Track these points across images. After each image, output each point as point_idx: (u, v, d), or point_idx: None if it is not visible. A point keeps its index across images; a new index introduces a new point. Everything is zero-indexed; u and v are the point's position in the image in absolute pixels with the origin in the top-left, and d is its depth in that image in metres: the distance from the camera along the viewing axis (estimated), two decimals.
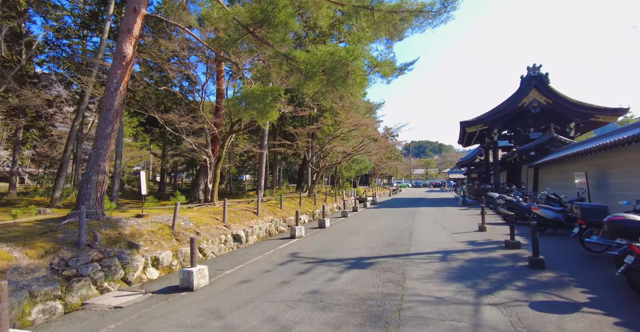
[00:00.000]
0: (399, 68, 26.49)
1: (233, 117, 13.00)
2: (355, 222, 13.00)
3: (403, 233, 9.85)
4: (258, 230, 11.02)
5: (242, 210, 11.93)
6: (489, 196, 17.11)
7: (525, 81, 22.25)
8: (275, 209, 13.59)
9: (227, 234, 9.50)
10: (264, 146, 16.96)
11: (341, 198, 23.41)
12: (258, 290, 4.99)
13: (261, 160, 16.89)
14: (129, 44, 7.24)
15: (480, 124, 23.38)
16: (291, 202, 16.15)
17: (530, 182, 21.62)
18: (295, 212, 10.85)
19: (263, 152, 16.91)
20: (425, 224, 11.82)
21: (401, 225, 11.72)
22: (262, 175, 16.75)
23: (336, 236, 9.76)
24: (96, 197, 7.24)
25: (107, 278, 5.89)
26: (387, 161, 45.21)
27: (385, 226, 11.49)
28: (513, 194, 15.75)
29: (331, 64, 5.98)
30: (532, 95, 22.17)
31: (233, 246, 9.59)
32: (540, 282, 4.96)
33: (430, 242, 8.42)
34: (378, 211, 17.96)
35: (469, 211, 16.67)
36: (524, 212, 10.91)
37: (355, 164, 25.24)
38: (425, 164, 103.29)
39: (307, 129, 17.98)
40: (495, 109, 23.22)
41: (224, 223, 10.06)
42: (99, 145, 7.22)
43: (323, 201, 19.44)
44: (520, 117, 23.55)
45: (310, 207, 16.80)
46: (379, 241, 8.66)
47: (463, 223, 11.96)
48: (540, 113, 22.28)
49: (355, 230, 10.88)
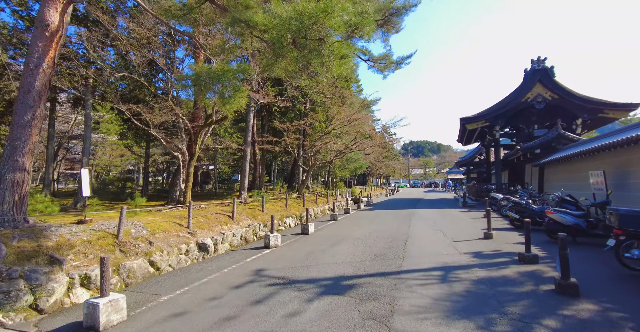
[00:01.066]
0: (395, 61, 25.13)
1: (208, 109, 11.58)
2: (343, 227, 11.60)
3: (396, 241, 8.46)
4: (231, 237, 9.60)
5: (216, 214, 10.50)
6: (492, 197, 15.76)
7: (529, 75, 20.93)
8: (256, 212, 12.17)
9: (190, 243, 8.08)
10: (248, 143, 15.55)
11: (334, 199, 22.01)
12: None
13: (244, 158, 15.47)
14: (54, 10, 5.81)
15: (481, 120, 22.04)
16: (276, 204, 14.74)
17: (534, 182, 20.30)
18: (271, 217, 9.36)
19: (246, 150, 15.49)
20: (423, 230, 10.43)
21: (395, 231, 10.33)
22: (245, 174, 15.33)
23: (318, 245, 8.35)
24: (13, 200, 5.80)
25: (0, 308, 4.45)
26: (384, 161, 43.86)
27: (376, 232, 10.10)
28: (519, 195, 14.41)
29: (299, 26, 4.57)
30: (536, 90, 20.86)
31: (198, 256, 8.19)
32: (580, 321, 3.57)
33: (428, 253, 7.03)
34: (372, 213, 16.57)
35: (471, 213, 15.31)
36: (534, 216, 9.55)
37: (349, 163, 23.85)
38: (423, 163, 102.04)
39: (296, 125, 16.58)
40: (497, 104, 21.89)
41: (189, 230, 8.63)
42: (16, 135, 5.79)
43: (313, 203, 18.02)
44: (524, 113, 22.23)
45: (297, 209, 15.39)
46: (366, 252, 7.27)
47: (465, 228, 10.59)
48: (544, 109, 20.97)
49: (341, 237, 9.48)
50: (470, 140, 28.65)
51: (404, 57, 25.04)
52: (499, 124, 21.89)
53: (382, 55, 25.41)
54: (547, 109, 21.02)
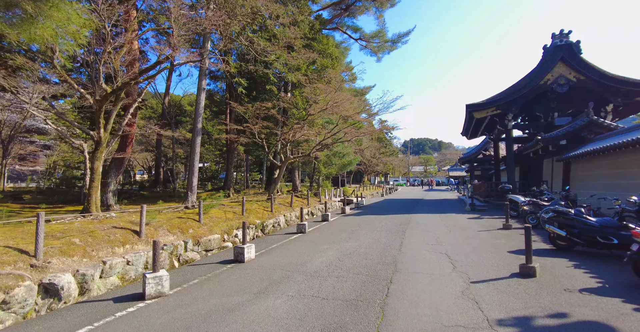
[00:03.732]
0: (390, 40, 21.72)
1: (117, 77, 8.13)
2: (306, 247, 8.16)
3: (374, 283, 5.07)
4: (123, 267, 6.22)
5: (114, 228, 7.11)
6: (511, 199, 12.37)
7: (550, 52, 17.44)
8: (189, 224, 8.80)
9: (19, 286, 4.71)
10: (197, 131, 12.16)
11: (317, 200, 18.63)
12: None
13: (192, 150, 12.07)
14: None
15: (491, 107, 18.59)
16: (232, 210, 11.37)
17: (557, 180, 16.90)
18: (153, 245, 5.55)
19: (194, 139, 12.10)
20: (420, 253, 7.04)
21: (378, 255, 6.94)
22: (193, 172, 11.93)
23: (237, 294, 4.93)
24: None
25: None
26: (381, 157, 40.43)
27: (349, 259, 6.71)
28: (546, 198, 11.02)
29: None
30: (557, 70, 17.39)
31: (41, 306, 4.85)
32: None
33: (427, 317, 3.67)
34: (357, 220, 13.15)
35: (483, 221, 11.90)
36: (592, 234, 6.16)
37: (336, 158, 20.43)
38: (424, 161, 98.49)
39: (259, 108, 13.09)
40: (510, 88, 18.43)
41: (35, 259, 5.27)
42: None
43: (287, 207, 14.64)
44: (541, 98, 18.79)
45: (262, 215, 12.02)
46: (313, 314, 3.90)
47: (483, 250, 7.19)
48: (567, 93, 17.53)
49: (291, 269, 6.07)
50: (477, 133, 25.20)
51: (400, 35, 21.58)
52: (512, 111, 18.44)
53: (375, 32, 21.89)
54: (570, 93, 17.59)
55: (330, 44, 18.41)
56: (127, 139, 12.56)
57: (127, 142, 12.61)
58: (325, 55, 17.53)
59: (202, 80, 12.37)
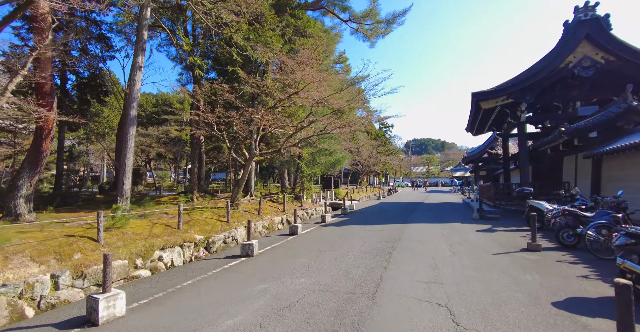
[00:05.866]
0: (384, 20, 18.96)
1: None
2: (230, 288, 5.26)
3: None
4: None
5: None
6: (532, 205, 9.61)
7: (572, 29, 14.64)
8: (82, 246, 6.16)
9: None
10: (130, 119, 9.55)
11: (299, 206, 15.96)
12: None
13: (124, 144, 9.46)
14: None
15: (501, 95, 15.81)
16: (161, 225, 8.75)
17: (582, 180, 14.11)
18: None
19: (127, 130, 9.50)
20: (406, 307, 4.33)
21: (336, 311, 4.23)
22: (124, 171, 9.31)
23: None
24: None
25: None
26: (379, 156, 37.65)
27: (282, 320, 4.01)
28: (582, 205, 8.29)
29: None
30: (581, 50, 14.60)
31: None
32: None
33: None
34: (334, 233, 10.40)
35: (498, 235, 9.13)
36: None
37: (321, 156, 17.74)
38: (426, 161, 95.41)
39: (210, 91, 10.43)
40: (525, 73, 15.66)
41: None
42: None
43: (254, 214, 11.99)
44: (561, 85, 16.02)
45: (212, 227, 9.37)
46: None
47: (511, 301, 4.44)
48: (593, 78, 14.72)
49: None
50: (483, 128, 22.36)
51: (395, 15, 18.72)
52: (526, 100, 15.65)
53: (367, 11, 19.02)
54: (596, 78, 14.78)
55: (312, 22, 15.75)
56: (43, 130, 9.95)
57: (43, 134, 10.00)
58: (307, 36, 14.88)
59: (138, 55, 9.76)
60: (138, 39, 9.77)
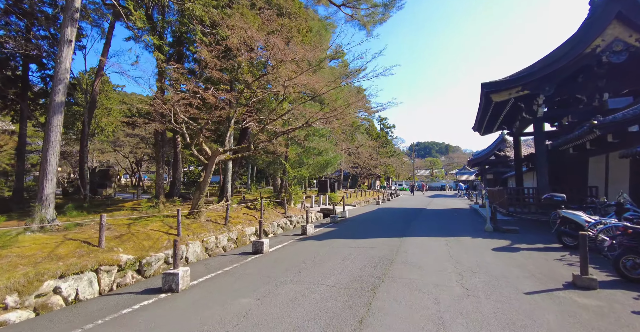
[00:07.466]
0: (381, 4, 16.97)
1: None
2: None
3: None
4: None
5: None
6: (565, 217, 7.43)
7: (600, 8, 12.50)
8: None
9: None
10: (56, 107, 7.61)
11: (282, 213, 13.88)
12: None
13: (46, 137, 7.52)
14: None
15: (515, 86, 13.67)
16: (76, 241, 6.74)
17: (615, 185, 11.89)
18: None
19: (51, 119, 7.56)
20: None
21: None
22: (46, 172, 7.35)
23: None
24: None
25: None
26: (379, 158, 35.50)
27: None
28: (634, 218, 6.13)
29: None
30: (611, 32, 12.44)
31: None
32: None
33: None
34: (311, 252, 8.21)
35: (523, 257, 6.92)
36: None
37: (310, 156, 15.68)
38: (430, 164, 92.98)
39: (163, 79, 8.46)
40: (541, 61, 13.51)
41: None
42: None
43: (219, 225, 9.93)
44: (582, 75, 13.88)
45: (153, 243, 7.35)
46: None
47: None
48: (624, 65, 12.57)
49: None
50: (493, 127, 20.17)
51: None
52: (545, 91, 13.49)
53: None
54: (628, 65, 12.62)
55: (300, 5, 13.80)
56: None
57: None
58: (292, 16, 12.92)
59: (67, 26, 7.83)
60: (67, 7, 7.84)
